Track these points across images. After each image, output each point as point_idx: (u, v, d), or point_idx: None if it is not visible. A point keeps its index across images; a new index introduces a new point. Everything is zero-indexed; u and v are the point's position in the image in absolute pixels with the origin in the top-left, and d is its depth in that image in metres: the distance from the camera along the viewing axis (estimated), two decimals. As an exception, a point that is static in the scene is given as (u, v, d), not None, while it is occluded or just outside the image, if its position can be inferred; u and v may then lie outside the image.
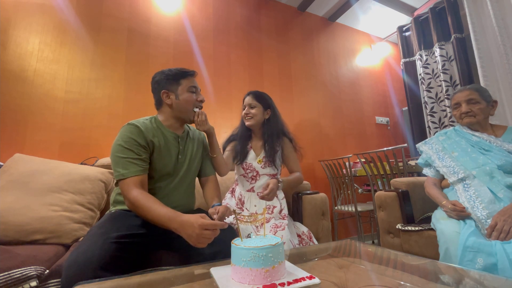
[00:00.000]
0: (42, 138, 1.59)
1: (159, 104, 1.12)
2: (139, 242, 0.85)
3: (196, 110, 1.13)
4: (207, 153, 1.26)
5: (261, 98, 1.43)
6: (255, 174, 1.39)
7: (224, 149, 1.49)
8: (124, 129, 1.00)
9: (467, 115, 1.21)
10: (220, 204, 1.09)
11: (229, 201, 1.42)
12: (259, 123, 1.43)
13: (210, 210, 1.03)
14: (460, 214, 1.03)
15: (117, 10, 1.96)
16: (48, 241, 1.09)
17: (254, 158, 1.41)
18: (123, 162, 0.93)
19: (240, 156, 1.40)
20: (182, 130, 1.16)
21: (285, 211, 1.34)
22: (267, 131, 1.43)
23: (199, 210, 1.19)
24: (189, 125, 1.25)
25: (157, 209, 0.84)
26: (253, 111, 1.41)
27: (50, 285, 0.85)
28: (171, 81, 1.09)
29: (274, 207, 1.31)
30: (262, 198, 1.18)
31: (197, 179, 1.25)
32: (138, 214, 0.88)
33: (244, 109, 1.44)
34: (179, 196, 1.09)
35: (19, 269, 0.80)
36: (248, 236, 0.71)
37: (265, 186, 1.20)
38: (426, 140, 1.39)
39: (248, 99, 1.43)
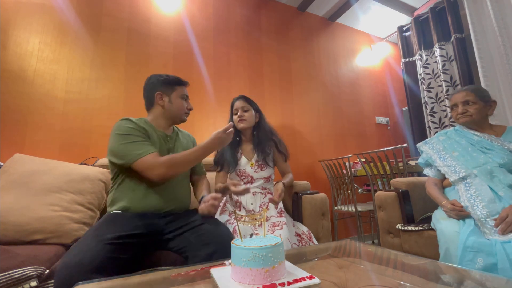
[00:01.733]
0: (42, 138, 1.59)
1: (150, 104, 1.17)
2: (134, 243, 0.85)
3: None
4: None
5: (251, 102, 1.47)
6: (249, 179, 1.40)
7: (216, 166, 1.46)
8: (119, 123, 1.03)
9: (462, 116, 1.23)
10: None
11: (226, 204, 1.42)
12: (251, 126, 1.45)
13: (201, 206, 1.04)
14: (459, 213, 1.03)
15: (117, 10, 1.95)
16: (48, 241, 1.09)
17: (246, 163, 1.43)
18: (134, 145, 0.97)
19: (231, 163, 1.41)
20: (171, 130, 1.22)
21: (281, 205, 1.34)
22: (257, 134, 1.46)
23: (197, 211, 1.19)
24: (178, 127, 1.30)
25: (189, 153, 1.01)
26: (246, 113, 1.43)
27: (50, 285, 0.85)
28: (167, 85, 1.15)
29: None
30: (272, 201, 1.24)
31: None
32: (175, 171, 0.99)
33: (236, 113, 1.44)
34: (173, 195, 1.09)
35: (19, 269, 0.79)
36: (251, 236, 0.71)
37: (275, 192, 1.28)
38: (427, 140, 1.39)
39: (239, 103, 1.44)
